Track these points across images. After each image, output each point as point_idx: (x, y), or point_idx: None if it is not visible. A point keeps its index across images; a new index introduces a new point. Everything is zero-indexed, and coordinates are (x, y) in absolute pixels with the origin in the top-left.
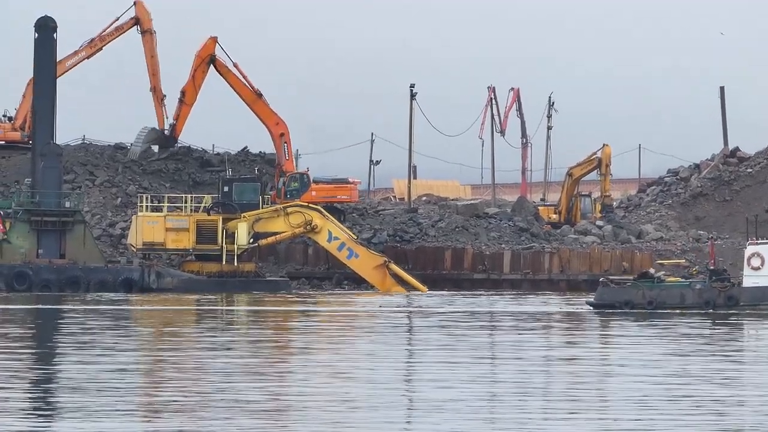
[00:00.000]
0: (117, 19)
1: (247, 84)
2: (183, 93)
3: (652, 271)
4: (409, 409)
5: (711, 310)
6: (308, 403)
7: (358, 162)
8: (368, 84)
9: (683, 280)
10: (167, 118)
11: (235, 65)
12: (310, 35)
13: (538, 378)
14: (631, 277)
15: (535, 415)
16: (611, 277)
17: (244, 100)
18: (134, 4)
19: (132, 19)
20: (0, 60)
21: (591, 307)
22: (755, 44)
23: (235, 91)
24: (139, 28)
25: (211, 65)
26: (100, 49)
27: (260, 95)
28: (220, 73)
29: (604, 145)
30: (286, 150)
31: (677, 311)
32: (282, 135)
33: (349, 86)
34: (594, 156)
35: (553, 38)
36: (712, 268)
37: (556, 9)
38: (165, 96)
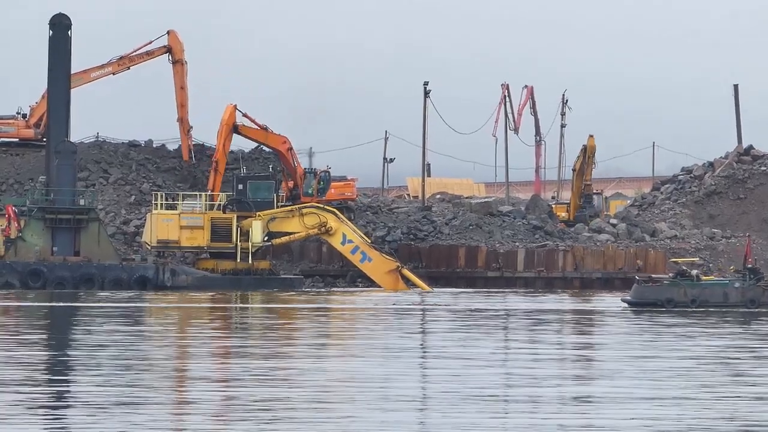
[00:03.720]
0: (150, 42)
1: (258, 128)
2: (216, 162)
3: (686, 268)
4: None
5: (755, 309)
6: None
7: (371, 160)
8: (382, 82)
9: (720, 278)
10: (192, 149)
11: (244, 115)
12: (323, 34)
13: None
14: (667, 276)
15: None
16: (653, 276)
17: (258, 142)
18: (167, 33)
19: (164, 47)
20: (15, 59)
21: (627, 305)
22: None
23: (251, 140)
24: (170, 58)
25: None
26: (128, 68)
27: (266, 128)
28: (240, 134)
29: (589, 136)
30: (294, 159)
31: (721, 310)
32: (290, 149)
33: (363, 84)
34: (583, 146)
35: (567, 36)
36: (750, 266)
37: (569, 7)
38: (192, 127)
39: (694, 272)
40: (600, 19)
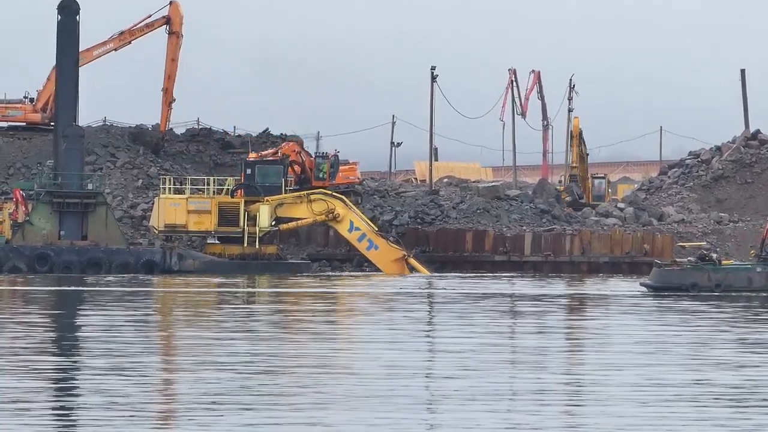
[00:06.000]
0: (149, 15)
1: (272, 156)
2: None
3: (706, 252)
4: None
5: None
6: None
7: (379, 144)
8: (390, 67)
9: (743, 262)
10: (169, 121)
11: (260, 154)
12: (331, 19)
13: None
14: (686, 260)
15: None
16: (678, 259)
17: None
18: (170, 3)
19: (163, 17)
20: (23, 44)
21: (646, 289)
22: None
23: None
24: (168, 28)
25: None
26: (129, 42)
27: (277, 152)
28: None
29: (574, 117)
30: (303, 156)
31: (745, 294)
32: (299, 152)
33: (370, 69)
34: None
35: (574, 21)
36: None
37: None
38: (174, 100)
39: (715, 255)
40: (608, 5)
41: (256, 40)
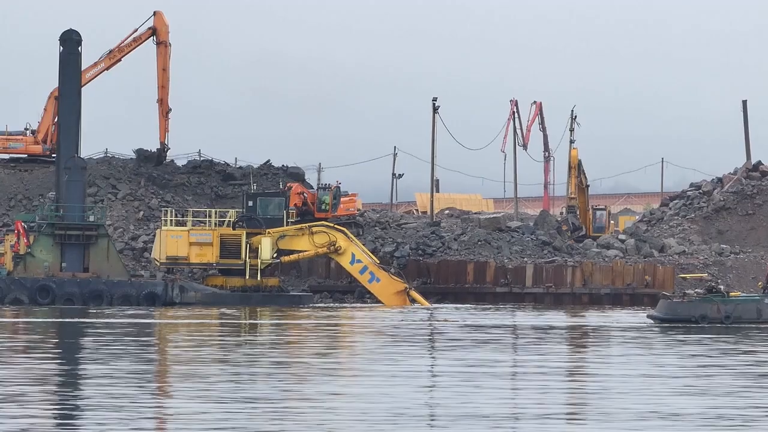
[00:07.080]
0: (135, 30)
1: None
2: None
3: (714, 284)
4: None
5: None
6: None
7: (380, 176)
8: (392, 99)
9: (748, 294)
10: (168, 131)
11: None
12: (335, 51)
13: None
14: (693, 291)
15: None
16: (687, 291)
17: None
18: (154, 14)
19: (149, 29)
20: (22, 73)
21: (653, 321)
22: None
23: None
24: (155, 39)
25: None
26: (119, 60)
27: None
28: None
29: (572, 148)
30: (305, 193)
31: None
32: (301, 193)
33: (372, 101)
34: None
35: (576, 54)
36: None
37: (580, 25)
38: (171, 109)
39: (723, 287)
40: (609, 37)
41: (258, 70)
